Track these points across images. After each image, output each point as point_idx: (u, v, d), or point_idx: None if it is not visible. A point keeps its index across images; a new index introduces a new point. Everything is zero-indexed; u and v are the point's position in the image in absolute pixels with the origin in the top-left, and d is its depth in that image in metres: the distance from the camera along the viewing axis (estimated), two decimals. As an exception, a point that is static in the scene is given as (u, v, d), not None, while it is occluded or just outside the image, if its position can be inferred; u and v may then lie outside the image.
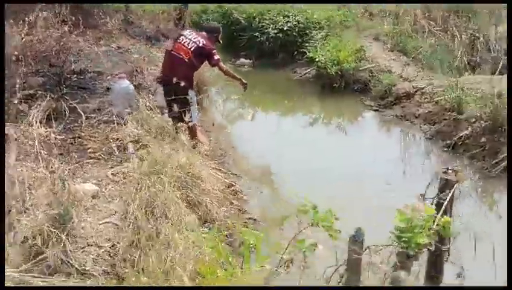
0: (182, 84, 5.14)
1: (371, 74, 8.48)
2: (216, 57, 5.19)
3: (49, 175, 3.37)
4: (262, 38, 11.18)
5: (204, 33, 5.34)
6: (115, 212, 3.55)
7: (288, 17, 11.08)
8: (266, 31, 11.04)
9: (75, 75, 7.20)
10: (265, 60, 11.20)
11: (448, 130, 5.96)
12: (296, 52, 11.02)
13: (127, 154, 4.62)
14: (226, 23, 12.95)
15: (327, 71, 8.58)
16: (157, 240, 2.99)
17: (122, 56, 9.21)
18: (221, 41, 5.53)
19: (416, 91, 7.07)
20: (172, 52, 5.17)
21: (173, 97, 5.31)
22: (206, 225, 3.57)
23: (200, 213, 3.74)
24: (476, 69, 8.71)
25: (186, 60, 5.09)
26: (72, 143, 4.89)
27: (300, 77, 10.00)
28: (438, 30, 9.25)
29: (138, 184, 3.67)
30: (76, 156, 4.56)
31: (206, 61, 5.30)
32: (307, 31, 10.89)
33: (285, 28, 10.89)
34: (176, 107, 5.30)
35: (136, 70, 7.67)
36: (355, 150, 6.15)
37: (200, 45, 5.14)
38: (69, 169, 4.15)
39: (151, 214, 3.20)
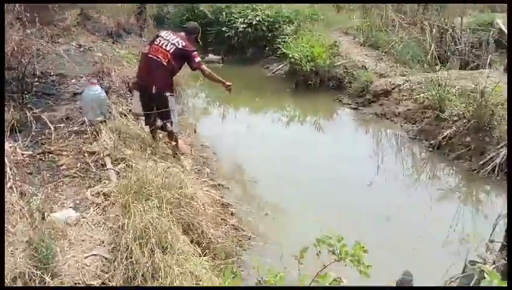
0: (161, 89, 4.79)
1: (345, 70, 8.34)
2: (197, 59, 4.84)
3: (25, 207, 2.95)
4: (230, 33, 10.83)
5: (183, 33, 4.96)
6: (102, 242, 3.18)
7: (257, 10, 10.76)
8: (234, 25, 10.69)
9: (36, 79, 6.64)
10: (235, 56, 10.89)
11: (430, 128, 5.86)
12: (266, 47, 10.77)
13: (105, 170, 4.21)
14: (190, 18, 12.50)
15: (301, 68, 8.36)
16: (156, 276, 2.67)
17: (84, 55, 8.62)
18: (200, 42, 5.17)
19: (393, 88, 6.97)
20: (149, 55, 4.77)
21: (151, 104, 4.94)
22: (205, 251, 3.24)
23: (194, 236, 3.42)
24: (445, 63, 8.75)
25: (164, 63, 4.71)
26: (41, 159, 4.42)
27: (273, 73, 9.75)
28: (408, 23, 9.22)
29: (125, 208, 3.31)
30: (48, 175, 4.12)
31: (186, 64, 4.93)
32: (277, 25, 10.64)
33: (254, 22, 10.59)
34: (154, 115, 4.94)
35: (103, 72, 7.15)
36: (334, 149, 5.97)
37: (180, 46, 4.77)
38: (43, 192, 3.72)
39: (145, 246, 2.86)
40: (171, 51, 4.74)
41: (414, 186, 5.10)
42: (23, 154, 4.46)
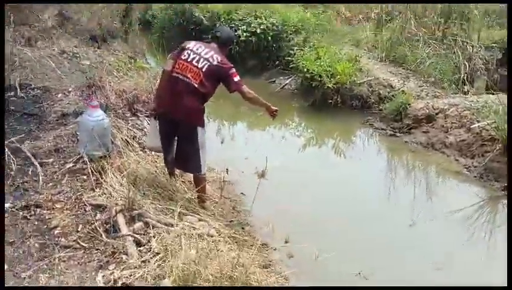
0: (190, 119, 3.54)
1: (370, 89, 7.27)
2: (236, 78, 3.63)
3: None
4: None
5: (214, 45, 3.72)
6: None
7: (262, 18, 9.57)
8: (236, 34, 9.44)
9: (12, 93, 5.24)
10: (234, 67, 9.62)
11: (497, 167, 4.83)
12: (269, 59, 9.60)
13: (118, 237, 2.92)
14: (182, 23, 11.21)
15: (320, 84, 7.23)
16: None
17: (70, 63, 7.22)
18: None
19: (437, 113, 5.93)
20: (175, 74, 3.51)
21: (173, 137, 3.69)
22: None
23: None
24: (471, 83, 7.83)
25: (195, 84, 3.48)
26: (26, 217, 3.08)
27: (281, 88, 8.58)
28: (430, 37, 8.26)
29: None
30: (37, 246, 2.80)
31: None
32: (283, 35, 9.49)
33: (258, 31, 9.37)
34: (179, 152, 3.68)
35: (94, 86, 5.79)
36: (375, 185, 4.88)
37: (215, 62, 3.54)
38: (32, 278, 2.42)
39: None
40: (203, 69, 3.51)
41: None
42: (-2, 208, 3.11)
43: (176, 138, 3.67)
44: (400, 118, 6.26)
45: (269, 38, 9.35)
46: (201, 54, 3.55)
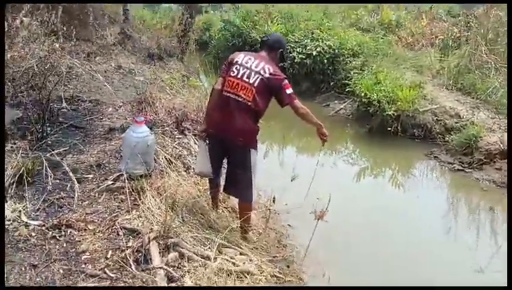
0: (244, 142, 3.19)
1: (434, 118, 6.63)
2: (289, 90, 3.20)
3: None
4: (285, 64, 9.28)
5: (263, 53, 3.34)
6: None
7: (318, 40, 9.21)
8: (291, 55, 9.14)
9: (63, 105, 5.15)
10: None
11: None
12: (323, 82, 9.18)
13: (149, 269, 2.57)
14: (237, 44, 11.08)
15: (379, 110, 6.71)
16: None
17: (124, 78, 7.18)
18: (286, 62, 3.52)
19: (513, 148, 5.24)
20: (226, 93, 3.18)
21: (222, 160, 3.35)
22: None
23: None
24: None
25: (249, 103, 3.13)
26: (55, 237, 2.81)
27: (336, 112, 8.13)
28: (503, 65, 7.50)
29: None
30: (62, 272, 2.50)
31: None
32: (340, 58, 9.06)
33: (314, 53, 9.02)
34: (228, 175, 3.33)
35: (145, 101, 5.62)
36: (438, 225, 4.26)
37: (267, 75, 3.16)
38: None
39: None
40: (255, 84, 3.15)
41: None
42: (27, 224, 2.87)
43: (226, 160, 3.32)
44: (470, 151, 5.57)
45: (325, 60, 8.97)
46: (252, 67, 3.19)
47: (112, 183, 3.52)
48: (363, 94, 7.11)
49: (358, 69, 8.43)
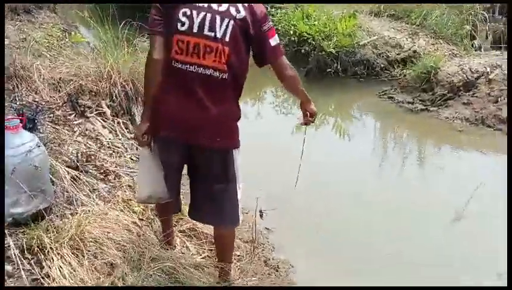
0: (223, 142, 1.87)
1: (375, 51, 5.74)
2: (275, 39, 1.86)
3: None
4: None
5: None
6: None
7: None
8: None
9: None
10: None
11: None
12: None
13: None
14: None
15: (315, 49, 5.63)
16: None
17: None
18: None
19: (477, 78, 4.54)
20: (179, 64, 1.77)
21: (180, 173, 1.99)
22: None
23: None
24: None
25: (224, 74, 1.79)
26: None
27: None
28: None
29: None
30: None
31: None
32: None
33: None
34: (200, 194, 1.97)
35: (16, 76, 3.79)
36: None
37: (242, 13, 1.77)
38: None
39: None
40: (227, 36, 1.77)
41: None
42: None
43: (191, 172, 1.96)
44: (430, 87, 4.79)
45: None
46: (212, 6, 1.78)
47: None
48: (291, 32, 5.91)
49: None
